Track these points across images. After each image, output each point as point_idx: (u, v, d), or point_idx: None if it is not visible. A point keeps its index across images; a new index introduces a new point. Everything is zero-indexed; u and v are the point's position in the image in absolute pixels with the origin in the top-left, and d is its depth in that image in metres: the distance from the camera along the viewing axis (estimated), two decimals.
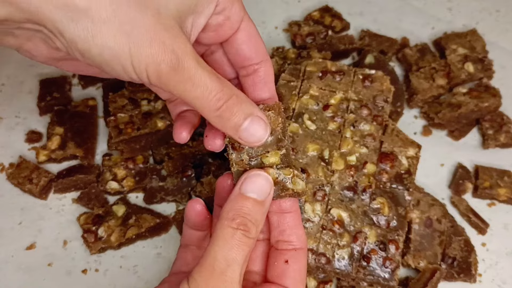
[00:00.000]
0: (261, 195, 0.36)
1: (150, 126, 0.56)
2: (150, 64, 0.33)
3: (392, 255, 0.47)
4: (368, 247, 0.47)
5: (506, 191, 0.56)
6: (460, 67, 0.62)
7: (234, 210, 0.35)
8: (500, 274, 0.52)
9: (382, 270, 0.46)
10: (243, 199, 0.36)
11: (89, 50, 0.32)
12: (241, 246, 0.34)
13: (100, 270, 0.52)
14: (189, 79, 0.34)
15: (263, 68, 0.41)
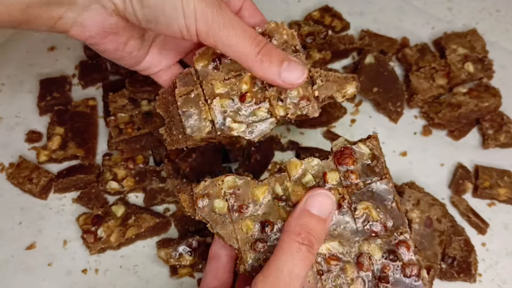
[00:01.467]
0: (324, 213, 0.38)
1: (150, 126, 0.56)
2: (198, 9, 0.37)
3: (408, 259, 0.39)
4: (378, 266, 0.39)
5: (506, 191, 0.56)
6: (460, 67, 0.62)
7: (300, 225, 0.37)
8: (500, 274, 0.53)
9: (407, 281, 0.39)
10: (308, 216, 0.38)
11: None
12: (305, 261, 0.36)
13: (100, 270, 0.52)
14: (230, 23, 0.38)
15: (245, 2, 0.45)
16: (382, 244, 0.40)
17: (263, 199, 0.41)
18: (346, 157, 0.41)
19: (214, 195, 0.41)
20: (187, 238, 0.52)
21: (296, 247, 0.36)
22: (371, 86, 0.62)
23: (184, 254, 0.51)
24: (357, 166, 0.41)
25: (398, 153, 0.60)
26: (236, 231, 0.40)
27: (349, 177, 0.40)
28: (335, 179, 0.40)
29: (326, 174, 0.40)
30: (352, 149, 0.41)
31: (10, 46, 0.67)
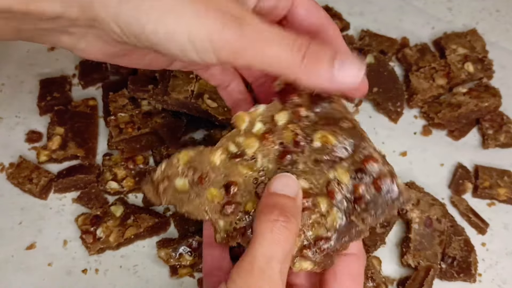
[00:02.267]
0: (291, 192, 0.34)
1: (151, 126, 0.56)
2: (213, 33, 0.30)
3: (377, 172, 0.36)
4: (349, 188, 0.36)
5: (506, 191, 0.56)
6: (460, 67, 0.62)
7: (269, 206, 0.34)
8: (500, 274, 0.52)
9: (382, 195, 0.36)
10: (276, 196, 0.34)
11: (143, 30, 0.30)
12: (281, 240, 0.32)
13: (100, 270, 0.52)
14: (259, 37, 0.30)
15: (331, 30, 0.38)
16: (348, 166, 0.36)
17: (220, 163, 0.38)
18: (289, 93, 0.37)
19: (173, 175, 0.38)
20: (187, 238, 0.52)
21: (269, 226, 0.32)
22: (371, 86, 0.61)
23: (184, 254, 0.51)
24: (303, 98, 0.37)
25: (398, 153, 0.60)
26: (202, 203, 0.37)
27: (298, 112, 0.37)
28: (284, 118, 0.37)
29: (274, 117, 0.37)
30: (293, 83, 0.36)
31: (10, 46, 0.67)
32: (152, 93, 0.57)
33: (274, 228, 0.32)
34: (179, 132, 0.57)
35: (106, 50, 0.36)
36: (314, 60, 0.32)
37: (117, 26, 0.31)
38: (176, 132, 0.57)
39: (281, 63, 0.31)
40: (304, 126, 0.37)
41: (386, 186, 0.36)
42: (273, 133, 0.37)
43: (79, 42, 0.35)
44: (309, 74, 0.32)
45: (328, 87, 0.33)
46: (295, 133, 0.37)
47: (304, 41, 0.32)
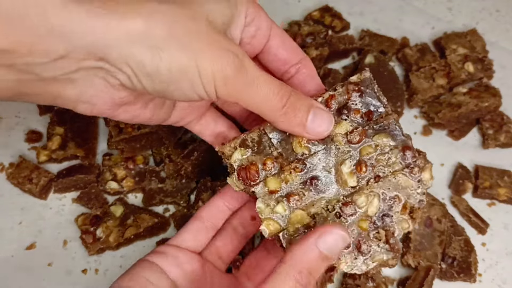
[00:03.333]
0: (332, 253, 0.35)
1: (151, 126, 0.56)
2: (216, 71, 0.33)
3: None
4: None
5: (506, 191, 0.56)
6: (460, 67, 0.62)
7: (303, 262, 0.34)
8: (500, 274, 0.53)
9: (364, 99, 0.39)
10: (315, 252, 0.34)
11: (157, 69, 0.32)
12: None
13: (100, 270, 0.52)
14: (252, 81, 0.34)
15: (304, 65, 0.42)
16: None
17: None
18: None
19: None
20: None
21: (292, 285, 0.33)
22: None
23: None
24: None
25: None
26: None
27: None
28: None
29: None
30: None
31: None
32: None
33: (296, 287, 0.33)
34: (179, 132, 0.57)
35: (112, 98, 0.35)
36: (292, 108, 0.36)
37: (128, 66, 0.32)
38: (176, 132, 0.57)
39: (266, 106, 0.36)
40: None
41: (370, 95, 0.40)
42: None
43: (84, 91, 0.34)
44: (286, 120, 0.37)
45: (300, 133, 0.38)
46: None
47: (287, 90, 0.36)
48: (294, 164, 0.38)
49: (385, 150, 0.39)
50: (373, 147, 0.39)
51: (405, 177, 0.38)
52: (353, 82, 0.40)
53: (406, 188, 0.38)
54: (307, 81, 0.42)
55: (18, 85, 0.32)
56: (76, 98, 0.35)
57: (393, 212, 0.38)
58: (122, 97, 0.36)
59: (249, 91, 0.34)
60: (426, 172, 0.39)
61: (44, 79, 0.32)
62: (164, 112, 0.41)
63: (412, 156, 0.38)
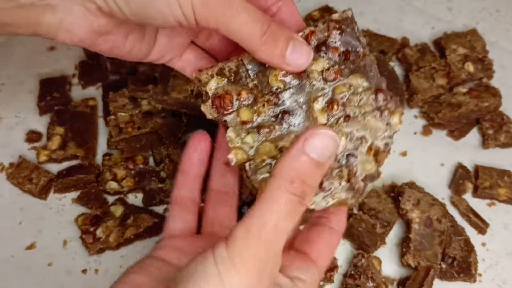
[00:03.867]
0: (324, 157, 0.33)
1: (151, 126, 0.56)
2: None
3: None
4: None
5: (506, 191, 0.56)
6: (460, 67, 0.62)
7: (294, 170, 0.32)
8: (500, 274, 0.52)
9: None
10: (305, 159, 0.32)
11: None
12: (294, 215, 0.31)
13: (100, 270, 0.52)
14: (232, 3, 0.33)
15: (285, 4, 0.41)
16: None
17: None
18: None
19: None
20: None
21: (286, 197, 0.31)
22: None
23: None
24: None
25: (398, 153, 0.60)
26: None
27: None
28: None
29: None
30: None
31: (10, 46, 0.67)
32: (152, 92, 0.57)
33: (291, 201, 0.31)
34: (179, 132, 0.57)
35: (91, 26, 0.35)
36: (272, 37, 0.35)
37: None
38: (176, 132, 0.57)
39: (245, 33, 0.35)
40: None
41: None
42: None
43: (63, 18, 0.35)
44: (265, 49, 0.35)
45: (278, 64, 0.37)
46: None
47: (267, 19, 0.35)
48: (267, 97, 0.38)
49: (358, 90, 0.38)
50: (347, 86, 0.38)
51: (374, 119, 0.38)
52: (335, 20, 0.40)
53: (374, 130, 0.38)
54: (287, 19, 0.41)
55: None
56: (56, 26, 0.35)
57: (358, 152, 0.38)
58: (101, 25, 0.36)
59: (228, 13, 0.34)
60: (396, 116, 0.39)
61: (23, 5, 0.32)
62: (145, 46, 0.40)
63: (384, 99, 0.38)
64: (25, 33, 0.35)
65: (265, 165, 0.38)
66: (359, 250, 0.52)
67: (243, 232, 0.30)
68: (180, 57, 0.44)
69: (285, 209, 0.31)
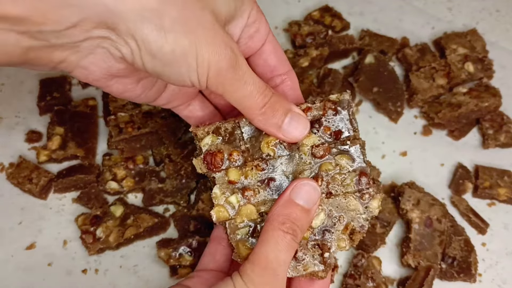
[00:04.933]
0: (309, 204, 0.39)
1: (151, 126, 0.56)
2: (212, 61, 0.34)
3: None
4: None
5: (506, 191, 0.56)
6: (460, 67, 0.62)
7: (284, 215, 0.38)
8: (500, 274, 0.53)
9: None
10: (292, 205, 0.38)
11: (161, 48, 0.33)
12: (290, 249, 0.37)
13: (100, 270, 0.52)
14: (242, 77, 0.36)
15: (290, 78, 0.44)
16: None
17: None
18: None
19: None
20: (187, 238, 0.52)
21: (281, 235, 0.37)
22: (371, 86, 0.62)
23: (184, 254, 0.51)
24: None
25: (398, 153, 0.60)
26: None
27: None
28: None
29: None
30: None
31: None
32: None
33: (285, 238, 0.37)
34: (179, 132, 0.57)
35: (109, 68, 0.37)
36: (271, 109, 0.38)
37: (134, 40, 0.33)
38: (176, 132, 0.57)
39: (248, 103, 0.38)
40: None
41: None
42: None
43: (84, 58, 0.36)
44: (264, 119, 0.38)
45: (274, 133, 0.39)
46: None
47: (270, 91, 0.38)
48: (257, 162, 0.40)
49: (344, 171, 0.40)
50: (333, 165, 0.40)
51: (355, 200, 0.40)
52: (332, 101, 0.41)
53: (353, 210, 0.40)
54: (289, 93, 0.44)
55: (27, 51, 0.33)
56: (75, 64, 0.36)
57: (334, 229, 0.40)
58: (119, 69, 0.37)
59: (236, 85, 0.36)
60: (375, 200, 0.41)
61: (53, 45, 0.33)
62: (154, 92, 0.42)
63: (367, 183, 0.40)
64: (43, 69, 0.36)
65: (244, 227, 0.40)
66: (359, 250, 0.53)
67: (251, 265, 0.36)
68: (187, 106, 0.46)
69: (282, 244, 0.36)
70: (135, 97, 0.41)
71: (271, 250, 0.36)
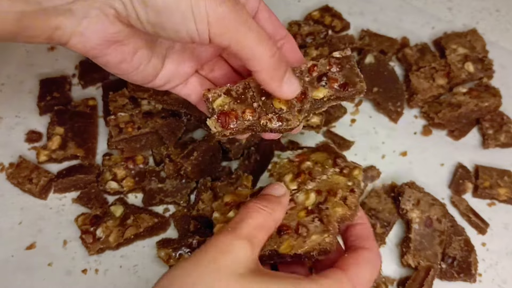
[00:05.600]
0: (277, 193, 0.40)
1: (151, 126, 0.56)
2: (210, 7, 0.33)
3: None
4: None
5: (506, 191, 0.55)
6: (460, 66, 0.62)
7: (259, 197, 0.39)
8: (500, 274, 0.52)
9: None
10: (266, 193, 0.40)
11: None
12: (254, 214, 0.37)
13: (100, 270, 0.52)
14: (246, 21, 0.35)
15: (288, 41, 0.44)
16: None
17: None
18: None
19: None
20: (187, 238, 0.52)
21: (250, 204, 0.38)
22: (371, 86, 0.62)
23: (184, 254, 0.51)
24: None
25: (398, 153, 0.60)
26: None
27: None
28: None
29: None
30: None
31: (10, 46, 0.67)
32: (152, 92, 0.57)
33: (251, 205, 0.38)
34: (179, 132, 0.57)
35: (104, 32, 0.36)
36: (279, 60, 0.38)
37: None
38: (176, 132, 0.57)
39: (257, 51, 0.36)
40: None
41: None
42: None
43: (80, 24, 0.35)
44: (272, 69, 0.37)
45: (276, 87, 0.39)
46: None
47: (275, 44, 0.38)
48: (271, 115, 0.40)
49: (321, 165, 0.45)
50: (311, 161, 0.45)
51: (336, 175, 0.43)
52: (335, 57, 0.43)
53: (338, 183, 0.43)
54: (290, 56, 0.44)
55: (21, 17, 0.33)
56: (71, 31, 0.36)
57: (327, 202, 0.42)
58: (115, 32, 0.37)
59: (243, 30, 0.35)
60: (356, 170, 0.43)
61: (46, 9, 0.34)
62: (150, 69, 0.41)
63: (342, 161, 0.44)
64: (40, 39, 0.35)
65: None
66: None
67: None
68: (185, 84, 0.45)
69: (246, 211, 0.37)
70: (132, 70, 0.41)
71: (238, 214, 0.37)
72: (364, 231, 0.41)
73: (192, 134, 0.60)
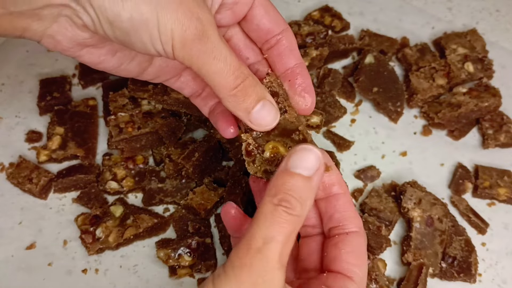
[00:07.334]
0: (308, 171, 0.33)
1: (151, 126, 0.56)
2: (176, 30, 0.33)
3: None
4: None
5: (506, 191, 0.56)
6: (460, 67, 0.62)
7: (276, 186, 0.33)
8: (500, 274, 0.52)
9: None
10: (287, 175, 0.33)
11: (118, 15, 0.32)
12: (282, 223, 0.31)
13: (100, 270, 0.52)
14: (211, 51, 0.34)
15: (285, 37, 0.42)
16: None
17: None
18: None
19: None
20: (187, 238, 0.52)
21: (270, 208, 0.32)
22: (371, 86, 0.62)
23: (183, 254, 0.51)
24: None
25: (398, 153, 0.60)
26: None
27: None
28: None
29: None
30: None
31: (10, 46, 0.67)
32: (152, 92, 0.57)
33: (275, 211, 0.32)
34: (179, 132, 0.57)
35: (75, 37, 0.36)
36: (242, 93, 0.36)
37: (91, 8, 0.33)
38: (176, 132, 0.57)
39: (218, 81, 0.35)
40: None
41: None
42: None
43: (49, 27, 0.35)
44: (234, 101, 0.36)
45: (242, 118, 0.38)
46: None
47: (244, 73, 0.36)
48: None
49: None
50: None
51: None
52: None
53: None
54: (285, 53, 0.41)
55: None
56: (41, 33, 0.35)
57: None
58: (85, 38, 0.36)
59: (204, 59, 0.34)
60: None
61: (12, 13, 0.33)
62: (136, 65, 0.41)
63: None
64: (11, 36, 0.35)
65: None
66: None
67: (235, 249, 0.32)
68: (178, 78, 0.44)
69: (271, 219, 0.32)
70: (112, 69, 0.40)
71: (258, 227, 0.31)
72: (346, 205, 0.38)
73: (192, 134, 0.60)
